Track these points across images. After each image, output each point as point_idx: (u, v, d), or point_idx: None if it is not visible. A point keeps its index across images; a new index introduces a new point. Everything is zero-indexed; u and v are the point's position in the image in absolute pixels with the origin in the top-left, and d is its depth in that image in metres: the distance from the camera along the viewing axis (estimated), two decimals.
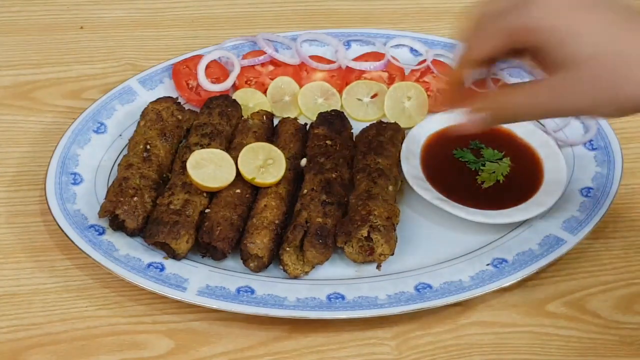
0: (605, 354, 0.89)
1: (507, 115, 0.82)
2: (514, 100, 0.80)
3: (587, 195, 1.01)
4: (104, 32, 1.28)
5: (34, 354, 0.88)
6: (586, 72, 0.75)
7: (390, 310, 0.90)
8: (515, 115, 0.81)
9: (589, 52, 0.75)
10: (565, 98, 0.77)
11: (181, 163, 1.00)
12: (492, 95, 0.84)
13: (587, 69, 0.75)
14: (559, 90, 0.77)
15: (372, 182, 0.98)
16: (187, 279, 0.92)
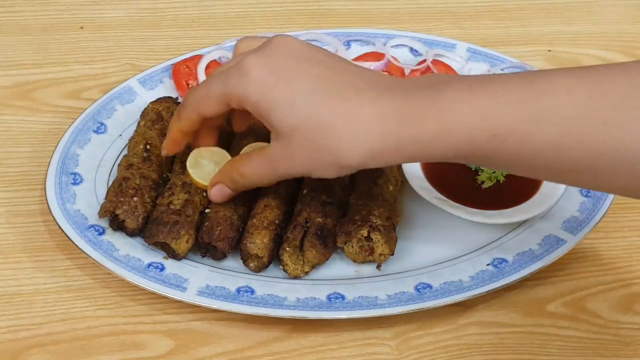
0: (605, 354, 0.89)
1: (244, 184, 0.89)
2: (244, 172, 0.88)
3: (587, 195, 1.01)
4: (104, 32, 1.28)
5: (34, 354, 0.88)
6: (293, 143, 0.80)
7: (390, 310, 0.90)
8: (251, 184, 0.89)
9: (292, 123, 0.79)
10: (283, 165, 0.83)
11: (181, 163, 1.00)
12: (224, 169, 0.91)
13: (293, 139, 0.80)
14: (276, 159, 0.83)
15: (372, 182, 0.98)
16: (187, 279, 0.92)
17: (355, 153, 0.79)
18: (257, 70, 0.81)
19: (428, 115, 0.76)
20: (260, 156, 0.86)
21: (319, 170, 0.82)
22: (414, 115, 0.77)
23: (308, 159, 0.81)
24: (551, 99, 0.73)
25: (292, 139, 0.80)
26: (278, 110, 0.80)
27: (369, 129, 0.77)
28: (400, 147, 0.78)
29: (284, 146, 0.81)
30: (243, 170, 0.88)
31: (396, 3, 1.34)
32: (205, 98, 0.86)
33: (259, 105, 0.81)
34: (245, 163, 0.88)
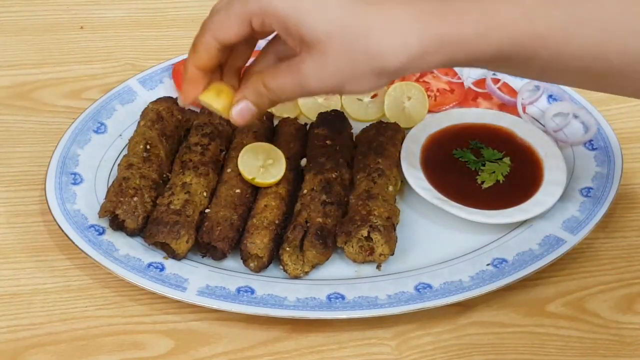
0: (605, 354, 0.89)
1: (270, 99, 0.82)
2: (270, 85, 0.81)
3: (587, 195, 1.01)
4: (104, 32, 1.28)
5: (34, 354, 0.88)
6: (326, 52, 0.76)
7: (390, 310, 0.90)
8: (277, 98, 0.82)
9: (326, 31, 0.75)
10: (314, 79, 0.78)
11: (181, 163, 1.00)
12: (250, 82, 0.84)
13: (327, 48, 0.75)
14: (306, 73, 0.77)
15: (372, 182, 0.98)
16: (187, 279, 0.92)
17: (395, 56, 0.75)
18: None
19: (471, 15, 0.74)
20: (290, 68, 0.79)
21: (354, 82, 0.77)
22: (456, 14, 0.74)
23: (343, 68, 0.76)
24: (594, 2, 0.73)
25: (325, 49, 0.76)
26: (309, 19, 0.75)
27: (409, 30, 0.74)
28: (441, 48, 0.75)
29: (316, 58, 0.77)
30: (269, 82, 0.81)
31: None
32: (224, 20, 0.79)
33: (287, 16, 0.76)
34: (272, 75, 0.81)
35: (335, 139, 1.04)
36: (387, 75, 0.77)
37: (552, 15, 0.74)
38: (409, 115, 1.12)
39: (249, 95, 0.83)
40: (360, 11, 0.75)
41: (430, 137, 1.07)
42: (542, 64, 0.76)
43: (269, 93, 0.81)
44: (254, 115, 0.84)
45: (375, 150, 1.02)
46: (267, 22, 0.78)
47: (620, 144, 1.06)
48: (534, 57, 0.75)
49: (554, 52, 0.74)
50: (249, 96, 0.83)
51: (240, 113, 0.84)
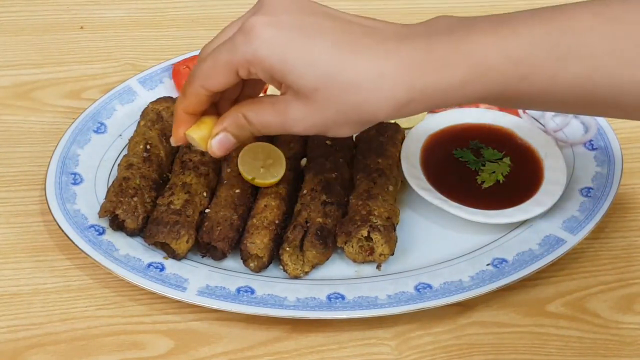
0: (605, 354, 0.89)
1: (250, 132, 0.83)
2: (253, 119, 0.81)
3: (587, 195, 1.01)
4: (104, 32, 1.28)
5: (34, 354, 0.88)
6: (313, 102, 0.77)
7: (390, 310, 0.90)
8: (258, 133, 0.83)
9: (313, 83, 0.76)
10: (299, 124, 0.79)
11: (181, 163, 1.00)
12: (230, 114, 0.84)
13: (314, 99, 0.76)
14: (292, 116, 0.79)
15: (372, 182, 0.98)
16: (187, 279, 0.92)
17: (381, 107, 0.76)
18: (266, 29, 0.76)
19: (455, 62, 0.75)
20: (275, 107, 0.80)
21: (338, 129, 0.79)
22: (440, 62, 0.75)
23: (329, 117, 0.78)
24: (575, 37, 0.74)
25: (313, 99, 0.76)
26: (296, 71, 0.75)
27: (394, 81, 0.75)
28: (426, 96, 0.76)
29: (302, 105, 0.77)
30: (251, 117, 0.81)
31: (396, 3, 1.34)
32: (211, 70, 0.80)
33: (273, 68, 0.76)
34: (255, 110, 0.81)
35: (335, 139, 1.04)
36: (371, 123, 0.79)
37: (534, 55, 0.74)
38: None
39: (229, 127, 0.83)
40: (348, 62, 0.75)
41: (430, 137, 1.07)
42: (528, 100, 0.77)
43: (250, 126, 0.82)
44: (233, 147, 0.85)
45: (375, 150, 1.02)
46: (253, 72, 0.78)
47: (620, 144, 1.06)
48: (519, 95, 0.76)
49: (539, 89, 0.75)
50: (229, 128, 0.83)
51: (220, 144, 0.84)
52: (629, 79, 0.73)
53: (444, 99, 0.76)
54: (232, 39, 0.78)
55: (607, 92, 0.74)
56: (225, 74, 0.79)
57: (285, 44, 0.75)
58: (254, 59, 0.76)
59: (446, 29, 0.77)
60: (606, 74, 0.73)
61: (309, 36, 0.76)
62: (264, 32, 0.76)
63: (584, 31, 0.74)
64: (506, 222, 0.98)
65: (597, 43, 0.73)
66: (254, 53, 0.76)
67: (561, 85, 0.75)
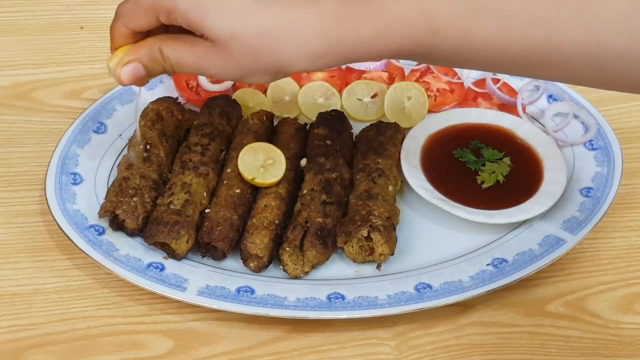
0: (605, 354, 0.89)
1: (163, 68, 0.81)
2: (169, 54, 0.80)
3: (587, 195, 1.01)
4: (104, 32, 1.27)
5: (34, 354, 0.88)
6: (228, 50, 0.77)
7: (390, 310, 0.90)
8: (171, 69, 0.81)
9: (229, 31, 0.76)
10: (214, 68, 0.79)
11: (181, 163, 1.00)
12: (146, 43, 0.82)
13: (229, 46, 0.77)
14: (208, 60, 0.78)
15: (372, 182, 0.98)
16: (187, 279, 0.92)
17: (296, 58, 0.77)
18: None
19: (369, 15, 0.76)
20: (194, 48, 0.79)
21: (254, 76, 0.80)
22: (356, 15, 0.76)
23: (244, 65, 0.78)
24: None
25: (228, 46, 0.77)
26: (212, 18, 0.77)
27: (310, 32, 0.76)
28: (342, 48, 0.77)
29: (218, 51, 0.78)
30: (168, 51, 0.80)
31: None
32: (133, 10, 0.81)
33: (189, 13, 0.77)
34: (172, 45, 0.80)
35: (335, 139, 1.04)
36: (287, 73, 0.79)
37: (448, 9, 0.74)
38: (409, 115, 1.12)
39: (142, 57, 0.82)
40: (263, 12, 0.76)
41: (430, 137, 1.07)
42: (443, 56, 0.77)
43: (164, 62, 0.81)
44: (141, 79, 0.83)
45: (375, 150, 1.02)
46: (172, 18, 0.79)
47: (620, 144, 1.06)
48: (433, 51, 0.76)
49: (452, 45, 0.75)
50: (142, 58, 0.82)
51: (129, 73, 0.83)
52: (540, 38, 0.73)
53: (359, 52, 0.77)
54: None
55: (518, 51, 0.74)
56: (146, 17, 0.81)
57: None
58: (173, 6, 0.78)
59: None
60: (520, 32, 0.73)
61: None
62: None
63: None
64: (506, 222, 0.98)
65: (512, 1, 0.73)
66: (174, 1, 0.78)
67: (475, 42, 0.75)
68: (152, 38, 0.82)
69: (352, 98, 1.14)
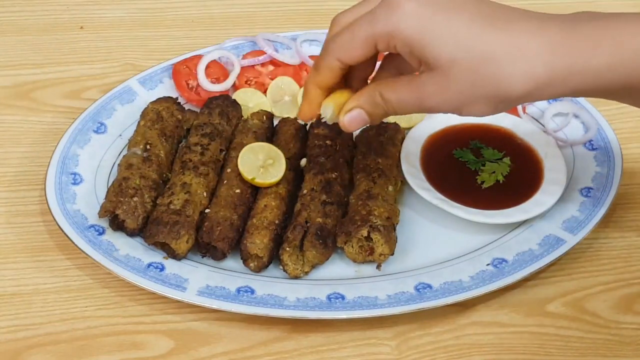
0: (605, 354, 0.89)
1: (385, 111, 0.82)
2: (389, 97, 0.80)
3: (587, 195, 1.01)
4: (104, 32, 1.28)
5: (34, 354, 0.88)
6: (450, 75, 0.76)
7: (390, 310, 0.90)
8: (393, 111, 0.81)
9: (452, 55, 0.75)
10: (434, 98, 0.78)
11: (181, 163, 1.00)
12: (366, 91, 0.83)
13: (451, 71, 0.75)
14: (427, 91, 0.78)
15: (372, 182, 0.98)
16: (187, 279, 0.92)
17: (520, 83, 0.75)
18: (410, 3, 0.76)
19: (603, 44, 0.73)
20: (411, 84, 0.79)
21: (473, 106, 0.77)
22: (586, 43, 0.74)
23: (465, 92, 0.76)
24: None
25: (449, 71, 0.76)
26: (436, 43, 0.75)
27: (536, 58, 0.74)
28: (569, 78, 0.74)
29: (438, 79, 0.77)
30: (388, 94, 0.80)
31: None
32: (348, 42, 0.80)
33: (412, 39, 0.76)
34: (391, 88, 0.81)
35: (335, 139, 1.04)
36: (508, 102, 0.77)
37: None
38: (409, 115, 1.11)
39: (364, 104, 0.83)
40: (488, 36, 0.75)
41: (430, 137, 1.07)
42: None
43: (385, 105, 0.81)
44: (364, 125, 0.84)
45: (375, 150, 1.02)
46: (392, 45, 0.78)
47: (620, 144, 1.06)
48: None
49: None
50: (364, 105, 0.83)
51: (352, 120, 0.83)
52: None
53: (586, 83, 0.75)
54: (374, 11, 0.78)
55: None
56: (363, 46, 0.79)
57: (425, 17, 0.76)
58: (395, 30, 0.77)
59: (590, 17, 0.76)
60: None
61: (448, 10, 0.76)
62: (406, 5, 0.76)
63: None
64: (506, 222, 0.98)
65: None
66: (396, 25, 0.76)
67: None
68: (371, 84, 0.83)
69: None
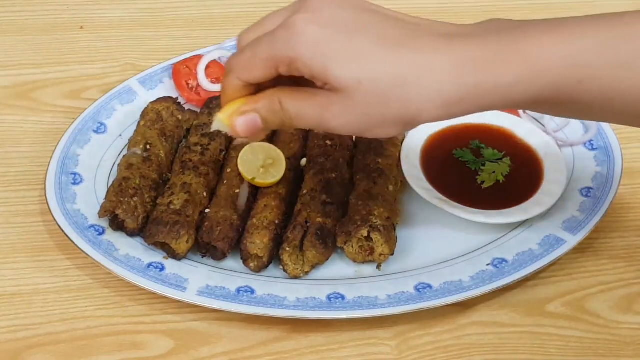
0: (605, 354, 0.89)
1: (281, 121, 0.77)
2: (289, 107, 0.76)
3: (587, 195, 1.01)
4: (104, 32, 1.28)
5: (34, 354, 0.88)
6: (354, 97, 0.72)
7: (390, 310, 0.90)
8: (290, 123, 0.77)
9: (356, 77, 0.72)
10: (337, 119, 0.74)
11: (181, 163, 1.00)
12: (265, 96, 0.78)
13: (356, 94, 0.72)
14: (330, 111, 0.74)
15: (372, 182, 0.98)
16: (187, 279, 0.92)
17: (429, 106, 0.72)
18: (310, 27, 0.72)
19: (510, 60, 0.71)
20: (316, 99, 0.75)
21: (380, 129, 0.74)
22: (495, 61, 0.72)
23: (371, 115, 0.73)
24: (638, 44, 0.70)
25: (354, 94, 0.72)
26: (338, 64, 0.72)
27: (445, 78, 0.71)
28: (478, 95, 0.72)
29: (342, 101, 0.73)
30: (287, 103, 0.76)
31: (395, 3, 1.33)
32: (250, 62, 0.76)
33: (314, 64, 0.72)
34: (293, 97, 0.76)
35: (335, 139, 1.04)
36: (417, 123, 0.74)
37: (596, 56, 0.71)
38: None
39: (261, 109, 0.78)
40: (394, 58, 0.72)
41: (430, 137, 1.07)
42: (583, 107, 0.74)
43: (283, 114, 0.77)
44: (259, 132, 0.79)
45: (375, 150, 1.02)
46: (293, 68, 0.74)
47: (620, 144, 1.06)
48: (573, 101, 0.73)
49: (596, 96, 0.72)
50: (260, 110, 0.78)
51: (246, 124, 0.78)
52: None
53: (498, 99, 0.73)
54: (274, 33, 0.75)
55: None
56: (264, 68, 0.76)
57: (327, 40, 0.73)
58: (295, 55, 0.73)
59: (499, 29, 0.74)
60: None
61: (351, 32, 0.73)
62: (306, 29, 0.73)
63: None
64: (506, 222, 0.98)
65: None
66: (295, 50, 0.73)
67: (620, 93, 0.71)
68: (272, 90, 0.78)
69: None
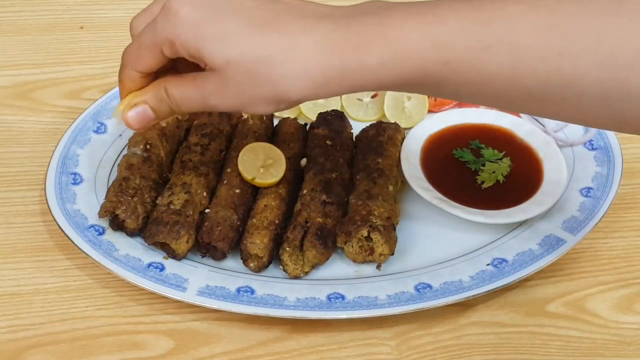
0: (605, 354, 0.89)
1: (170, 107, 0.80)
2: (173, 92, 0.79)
3: (587, 195, 1.01)
4: (104, 32, 1.28)
5: (34, 354, 0.88)
6: (226, 76, 0.75)
7: (390, 310, 0.90)
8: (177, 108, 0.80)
9: (226, 57, 0.74)
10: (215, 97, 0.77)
11: (181, 163, 1.00)
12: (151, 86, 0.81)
13: (227, 72, 0.74)
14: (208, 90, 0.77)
15: (372, 182, 0.98)
16: (187, 279, 0.92)
17: (296, 85, 0.74)
18: (185, 8, 0.75)
19: (375, 43, 0.73)
20: (194, 81, 0.78)
21: (254, 105, 0.76)
22: (360, 42, 0.73)
23: (243, 92, 0.76)
24: (503, 26, 0.71)
25: (226, 72, 0.75)
26: (210, 45, 0.74)
27: (311, 59, 0.73)
28: (345, 77, 0.73)
29: (217, 78, 0.76)
30: (172, 90, 0.79)
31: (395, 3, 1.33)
32: (136, 52, 0.79)
33: (189, 43, 0.75)
34: (176, 83, 0.79)
35: (335, 139, 1.04)
36: (288, 102, 0.76)
37: (459, 40, 0.71)
38: (409, 115, 1.12)
39: (149, 99, 0.81)
40: (262, 38, 0.74)
41: (430, 137, 1.07)
42: (453, 89, 0.75)
43: (170, 101, 0.79)
44: (150, 122, 0.82)
45: (375, 150, 1.02)
46: (175, 50, 0.77)
47: (620, 144, 1.06)
48: (441, 83, 0.74)
49: (463, 78, 0.73)
50: (149, 100, 0.81)
51: (137, 116, 0.81)
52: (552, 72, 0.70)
53: (365, 80, 0.74)
54: (155, 20, 0.78)
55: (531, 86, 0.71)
56: (151, 55, 0.79)
57: (201, 21, 0.75)
58: (172, 37, 0.76)
59: (367, 12, 0.75)
60: (532, 66, 0.71)
61: (224, 14, 0.75)
62: (181, 11, 0.75)
63: (514, 21, 0.71)
64: (506, 222, 0.98)
65: (525, 33, 0.70)
66: (173, 31, 0.76)
67: (486, 75, 0.72)
68: (159, 80, 0.81)
69: (352, 98, 1.14)
